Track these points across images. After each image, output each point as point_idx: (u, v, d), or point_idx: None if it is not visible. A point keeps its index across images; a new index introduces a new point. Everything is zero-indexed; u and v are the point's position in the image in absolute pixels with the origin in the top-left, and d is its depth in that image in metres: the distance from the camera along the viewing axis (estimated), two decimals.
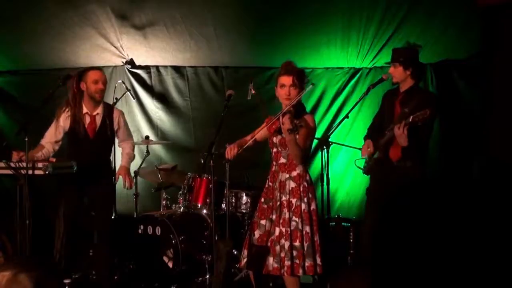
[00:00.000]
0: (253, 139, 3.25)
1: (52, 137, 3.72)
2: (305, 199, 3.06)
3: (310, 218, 3.04)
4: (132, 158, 4.03)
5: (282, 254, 2.98)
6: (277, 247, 3.01)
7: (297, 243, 2.98)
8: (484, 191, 4.61)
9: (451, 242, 4.50)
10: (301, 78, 3.10)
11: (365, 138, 3.79)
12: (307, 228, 3.01)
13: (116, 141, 4.02)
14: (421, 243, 3.52)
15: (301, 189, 3.07)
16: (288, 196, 3.07)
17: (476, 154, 4.97)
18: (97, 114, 3.75)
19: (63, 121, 3.71)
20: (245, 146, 3.17)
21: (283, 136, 3.06)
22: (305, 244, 2.99)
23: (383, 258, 3.49)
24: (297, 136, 2.99)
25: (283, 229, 3.02)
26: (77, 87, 3.67)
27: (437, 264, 4.10)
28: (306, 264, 2.97)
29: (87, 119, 3.73)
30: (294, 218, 3.02)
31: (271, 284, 3.63)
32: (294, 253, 2.98)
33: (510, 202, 4.23)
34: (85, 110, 3.72)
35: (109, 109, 3.84)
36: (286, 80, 3.06)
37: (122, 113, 3.96)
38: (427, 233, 3.75)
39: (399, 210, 3.51)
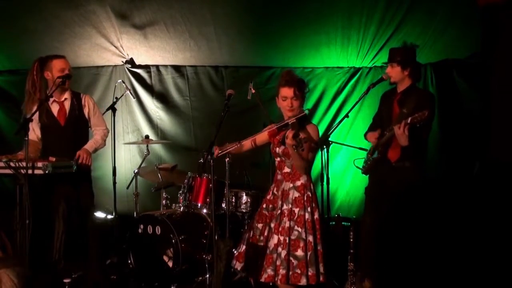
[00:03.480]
0: (250, 142, 3.27)
1: (32, 134, 3.59)
2: (309, 209, 3.04)
3: (313, 228, 3.02)
4: (99, 145, 3.78)
5: (278, 263, 2.97)
6: (274, 255, 3.00)
7: (299, 253, 2.96)
8: (484, 191, 4.60)
9: (452, 242, 4.50)
10: (302, 88, 3.08)
11: (365, 134, 3.79)
12: (310, 238, 2.99)
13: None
14: (421, 244, 3.52)
15: (305, 198, 3.06)
16: (290, 205, 3.05)
17: (477, 154, 4.96)
18: (65, 99, 3.67)
19: (32, 113, 3.49)
20: (226, 151, 3.16)
21: (287, 147, 3.06)
22: (308, 253, 2.98)
23: (384, 259, 3.49)
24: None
25: (281, 238, 3.00)
26: (38, 74, 3.54)
27: (437, 264, 4.10)
28: (309, 273, 2.95)
29: (56, 107, 3.64)
30: (296, 227, 3.00)
31: (270, 284, 3.62)
32: (295, 262, 2.95)
33: (511, 202, 4.23)
34: (52, 98, 3.62)
35: (77, 95, 3.75)
36: (287, 92, 3.03)
37: (91, 98, 3.85)
38: (426, 234, 3.75)
39: (398, 211, 3.51)
